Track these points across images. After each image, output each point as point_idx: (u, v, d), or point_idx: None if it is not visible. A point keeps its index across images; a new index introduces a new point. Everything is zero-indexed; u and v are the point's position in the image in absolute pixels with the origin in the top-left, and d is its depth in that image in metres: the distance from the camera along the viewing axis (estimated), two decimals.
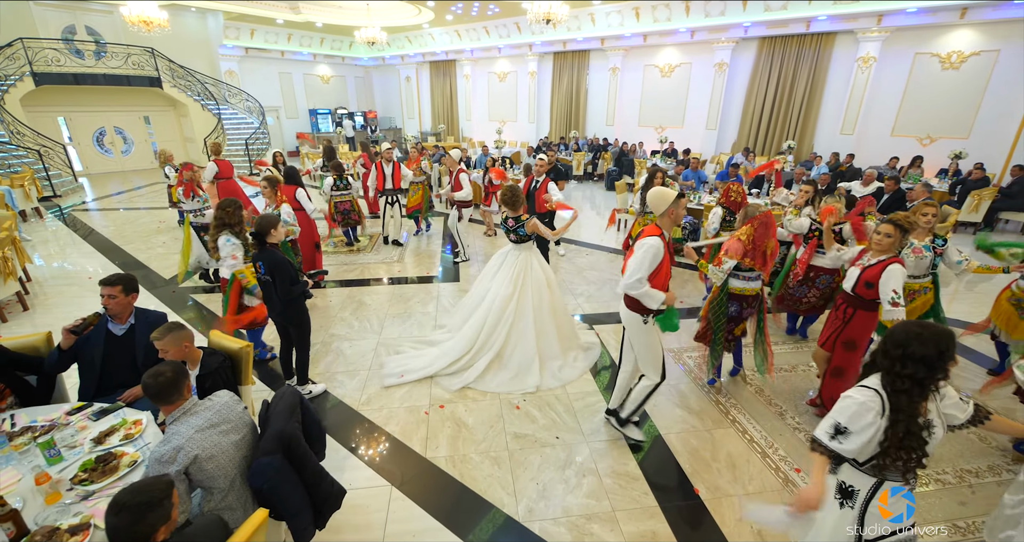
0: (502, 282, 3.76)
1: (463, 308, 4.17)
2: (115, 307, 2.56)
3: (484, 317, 3.76)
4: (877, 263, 2.81)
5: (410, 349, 4.11)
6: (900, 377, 1.54)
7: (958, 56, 9.53)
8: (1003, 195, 8.03)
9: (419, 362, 3.83)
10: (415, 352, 4.03)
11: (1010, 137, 9.20)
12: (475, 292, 4.07)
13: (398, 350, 4.13)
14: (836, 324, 3.04)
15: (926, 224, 3.35)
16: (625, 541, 2.36)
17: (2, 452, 1.95)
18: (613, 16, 12.41)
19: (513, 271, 3.76)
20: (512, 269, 3.77)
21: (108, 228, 8.35)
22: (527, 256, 3.83)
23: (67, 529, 1.59)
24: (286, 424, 1.86)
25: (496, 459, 2.89)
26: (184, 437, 1.70)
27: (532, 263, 3.82)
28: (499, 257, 3.96)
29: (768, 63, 11.45)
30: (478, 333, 3.74)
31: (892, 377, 1.56)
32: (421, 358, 3.89)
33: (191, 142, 16.43)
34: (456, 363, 3.74)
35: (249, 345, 2.57)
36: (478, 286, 4.06)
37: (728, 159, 11.24)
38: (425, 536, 2.38)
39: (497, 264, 3.93)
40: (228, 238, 3.48)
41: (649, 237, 2.57)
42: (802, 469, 2.83)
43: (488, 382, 3.62)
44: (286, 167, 6.32)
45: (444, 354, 3.81)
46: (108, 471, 1.85)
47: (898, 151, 10.12)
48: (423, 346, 4.12)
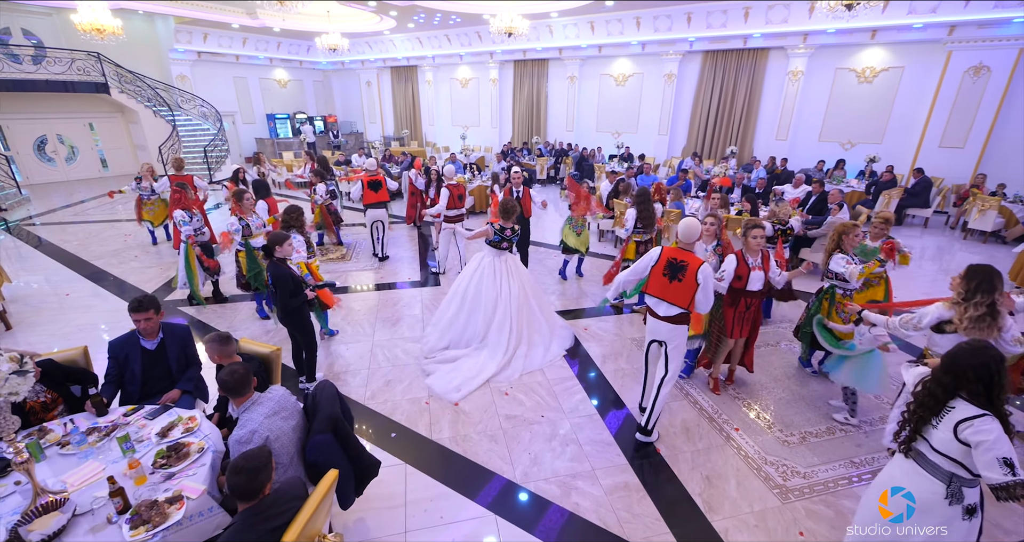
0: (511, 284, 4.35)
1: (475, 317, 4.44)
2: (149, 327, 2.83)
3: (508, 320, 4.32)
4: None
5: (438, 366, 4.25)
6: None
7: (871, 71, 10.83)
8: (908, 194, 9.29)
9: (468, 372, 4.08)
10: (449, 365, 4.21)
11: (914, 143, 10.58)
12: (482, 300, 4.38)
13: (427, 371, 4.21)
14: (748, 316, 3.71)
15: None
16: (603, 492, 2.92)
17: (81, 449, 2.26)
18: (570, 28, 13.10)
19: (511, 274, 4.39)
20: (512, 272, 4.40)
21: (70, 243, 8.17)
22: (512, 259, 4.48)
23: (165, 501, 1.96)
24: (332, 409, 2.29)
25: (493, 436, 3.40)
26: (256, 423, 2.10)
27: (516, 263, 4.52)
28: (489, 267, 4.40)
29: (712, 74, 12.49)
30: (508, 334, 4.30)
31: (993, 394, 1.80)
32: (466, 369, 4.12)
33: (142, 149, 15.85)
34: (504, 362, 4.21)
35: (278, 349, 2.94)
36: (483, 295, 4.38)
37: (679, 163, 12.19)
38: (441, 501, 2.85)
39: (492, 273, 4.37)
40: (295, 235, 4.32)
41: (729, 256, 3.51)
42: (740, 428, 3.50)
43: (531, 364, 4.29)
44: (255, 180, 6.51)
45: (491, 359, 4.20)
46: (182, 457, 2.21)
47: (824, 155, 11.36)
48: (448, 361, 4.30)
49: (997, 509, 2.64)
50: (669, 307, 3.09)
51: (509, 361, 4.22)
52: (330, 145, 19.93)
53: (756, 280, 3.56)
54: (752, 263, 3.55)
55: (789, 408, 3.77)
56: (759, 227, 3.54)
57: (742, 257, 3.55)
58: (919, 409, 1.97)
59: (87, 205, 11.25)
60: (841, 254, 3.74)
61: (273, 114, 19.25)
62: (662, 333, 3.17)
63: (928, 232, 9.31)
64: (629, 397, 3.89)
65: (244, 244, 4.90)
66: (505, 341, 4.28)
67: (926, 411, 1.94)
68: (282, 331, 4.55)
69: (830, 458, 3.23)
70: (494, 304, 4.35)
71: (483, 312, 4.35)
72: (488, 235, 4.35)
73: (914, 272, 7.09)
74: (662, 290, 3.09)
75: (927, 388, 1.96)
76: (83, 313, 5.46)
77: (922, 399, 1.96)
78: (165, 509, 1.93)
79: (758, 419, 3.64)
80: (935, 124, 10.22)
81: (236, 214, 4.94)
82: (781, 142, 12.03)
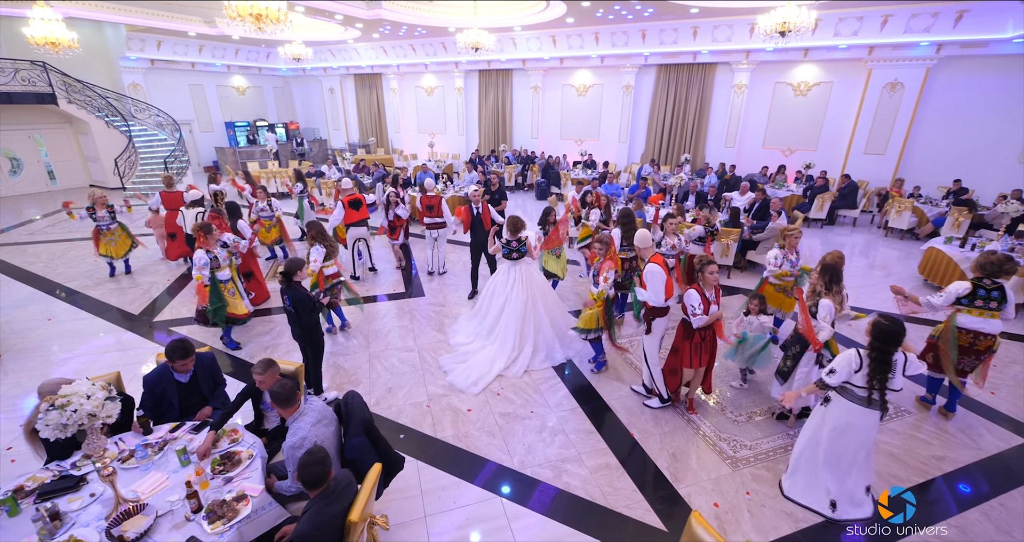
0: (519, 291, 4.95)
1: (489, 316, 5.15)
2: (188, 367, 3.11)
3: (518, 321, 4.87)
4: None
5: (455, 365, 4.78)
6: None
7: (805, 85, 11.99)
8: (839, 196, 10.42)
9: (480, 369, 4.67)
10: (464, 365, 4.76)
11: (844, 149, 11.81)
12: (495, 302, 5.09)
13: (445, 370, 4.75)
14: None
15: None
16: (589, 472, 3.46)
17: (142, 462, 2.58)
18: (533, 41, 13.68)
19: (524, 281, 5.01)
20: (523, 280, 4.96)
21: (35, 265, 7.98)
22: (527, 267, 5.08)
23: (232, 499, 2.33)
24: (364, 414, 2.71)
25: (490, 432, 3.88)
26: (305, 430, 2.50)
27: (532, 271, 5.11)
28: (504, 274, 5.12)
29: (666, 86, 13.39)
30: (517, 333, 4.85)
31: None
32: (478, 366, 4.69)
33: (93, 161, 15.26)
34: (511, 360, 4.79)
35: (301, 365, 3.31)
36: (496, 297, 5.10)
37: (638, 170, 13.02)
38: (452, 489, 3.31)
39: (505, 279, 5.04)
40: (317, 247, 4.93)
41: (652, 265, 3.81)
42: (699, 412, 4.13)
43: (533, 364, 4.80)
44: (227, 203, 6.49)
45: (499, 355, 4.80)
46: (235, 463, 2.58)
47: (768, 161, 12.46)
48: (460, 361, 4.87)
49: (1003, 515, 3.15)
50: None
51: (515, 359, 4.81)
52: (294, 153, 19.64)
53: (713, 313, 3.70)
54: (710, 297, 3.65)
55: (737, 393, 4.44)
56: (713, 263, 3.62)
57: (701, 292, 3.62)
58: (879, 373, 2.77)
59: (40, 223, 10.82)
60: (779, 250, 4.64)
61: (232, 122, 18.84)
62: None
63: (856, 230, 10.48)
64: (605, 390, 4.46)
65: (211, 278, 4.82)
66: (511, 341, 4.85)
67: (884, 371, 2.77)
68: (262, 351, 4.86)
69: (770, 432, 3.90)
70: (501, 307, 5.00)
71: (493, 312, 5.07)
72: (499, 250, 5.10)
73: (847, 268, 8.07)
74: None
75: (877, 358, 2.77)
76: (71, 338, 5.50)
77: (878, 366, 2.77)
78: (235, 506, 2.30)
79: (713, 404, 4.29)
80: (860, 133, 11.47)
81: (202, 247, 4.77)
82: (730, 149, 13.07)
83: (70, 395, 2.10)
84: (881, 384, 2.77)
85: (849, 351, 2.90)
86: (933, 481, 3.44)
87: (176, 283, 7.15)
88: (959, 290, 3.79)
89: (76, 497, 2.38)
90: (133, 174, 14.08)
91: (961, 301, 3.80)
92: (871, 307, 6.00)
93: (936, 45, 9.91)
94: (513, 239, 5.02)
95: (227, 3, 6.14)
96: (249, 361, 4.98)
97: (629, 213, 5.61)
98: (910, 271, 7.62)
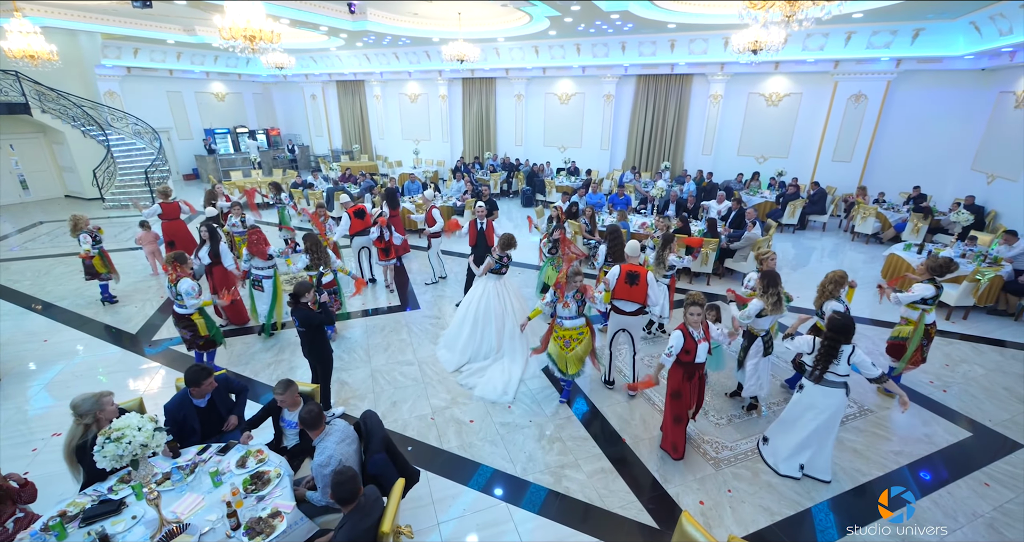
0: (510, 302, 5.36)
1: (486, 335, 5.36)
2: (204, 392, 3.28)
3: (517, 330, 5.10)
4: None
5: (476, 380, 5.01)
6: None
7: (776, 96, 12.58)
8: (809, 202, 11.01)
9: (502, 377, 4.96)
10: (483, 377, 5.01)
11: (813, 157, 12.44)
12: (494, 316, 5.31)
13: (468, 386, 4.95)
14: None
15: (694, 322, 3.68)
16: (586, 476, 3.77)
17: (177, 484, 2.76)
18: (516, 51, 13.97)
19: (510, 293, 5.42)
20: (508, 293, 5.41)
21: (22, 283, 7.90)
22: (508, 281, 5.50)
23: (267, 516, 2.55)
24: (383, 432, 2.95)
25: (493, 441, 4.15)
26: (331, 449, 2.72)
27: (512, 284, 5.59)
28: (493, 289, 5.34)
29: (645, 96, 13.84)
30: (520, 341, 5.22)
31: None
32: (498, 375, 4.98)
33: (69, 172, 14.96)
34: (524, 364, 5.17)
35: (317, 386, 3.52)
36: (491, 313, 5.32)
37: (620, 177, 13.44)
38: (460, 497, 3.57)
39: (495, 293, 5.34)
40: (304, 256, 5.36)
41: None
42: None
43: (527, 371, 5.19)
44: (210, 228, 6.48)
45: (513, 362, 5.15)
46: (265, 482, 2.79)
47: (743, 168, 13.03)
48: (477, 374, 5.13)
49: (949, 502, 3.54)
50: (631, 305, 4.53)
51: (527, 361, 5.18)
52: (277, 159, 19.47)
53: (702, 352, 3.69)
54: (697, 336, 3.65)
55: (718, 398, 4.81)
56: (696, 304, 3.62)
57: (687, 332, 3.64)
58: (825, 358, 3.40)
59: (17, 238, 10.61)
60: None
61: (212, 129, 18.58)
62: (628, 323, 4.68)
63: (826, 234, 11.08)
64: (597, 398, 4.78)
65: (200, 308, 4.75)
66: (520, 347, 5.21)
67: (831, 357, 3.38)
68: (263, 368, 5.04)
69: (748, 433, 4.27)
70: (502, 319, 5.27)
71: (495, 327, 5.29)
72: (491, 265, 5.26)
73: (816, 268, 8.63)
74: (627, 293, 4.50)
75: (827, 345, 3.38)
76: (71, 360, 5.53)
77: (825, 352, 3.40)
78: (271, 522, 2.52)
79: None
80: (828, 141, 12.11)
81: (184, 277, 4.58)
82: (706, 156, 13.60)
83: (123, 428, 2.29)
84: (824, 367, 3.43)
85: (809, 336, 3.64)
86: (892, 473, 3.85)
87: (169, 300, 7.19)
88: (925, 293, 4.38)
89: (119, 520, 2.56)
90: (112, 185, 13.87)
91: (927, 301, 4.43)
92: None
93: (896, 60, 10.57)
94: (504, 254, 5.30)
95: (220, 26, 6.24)
96: (253, 378, 5.14)
97: (616, 229, 5.89)
98: (874, 274, 8.17)
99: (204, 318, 4.81)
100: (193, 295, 4.62)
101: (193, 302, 4.62)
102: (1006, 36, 8.02)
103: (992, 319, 6.67)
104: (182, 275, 4.59)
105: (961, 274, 6.57)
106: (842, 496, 3.62)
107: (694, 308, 3.62)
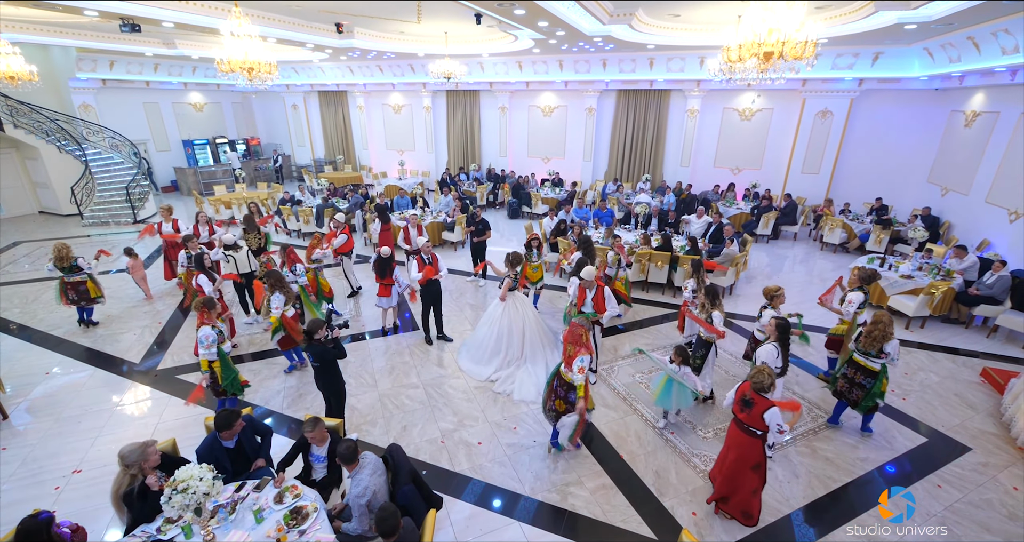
0: (526, 313, 5.99)
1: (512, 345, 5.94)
2: (232, 435, 3.49)
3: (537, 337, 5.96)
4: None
5: (511, 387, 5.59)
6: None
7: (749, 111, 13.23)
8: (781, 214, 11.65)
9: (531, 380, 5.60)
10: (516, 384, 5.61)
11: (784, 169, 13.13)
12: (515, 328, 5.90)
13: (506, 392, 5.54)
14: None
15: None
16: (589, 493, 4.12)
17: (222, 522, 2.99)
18: (500, 66, 14.27)
19: (525, 305, 6.04)
20: (524, 305, 6.02)
21: (11, 311, 7.81)
22: (519, 295, 6.12)
23: None
24: (409, 465, 3.24)
25: (501, 462, 4.46)
26: (367, 481, 3.00)
27: (523, 297, 6.19)
28: (511, 303, 5.96)
29: (626, 110, 14.34)
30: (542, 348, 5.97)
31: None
32: (529, 380, 5.60)
33: (43, 188, 14.60)
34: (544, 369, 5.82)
35: (341, 421, 3.77)
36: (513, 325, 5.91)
37: (602, 188, 13.90)
38: (476, 518, 3.87)
39: (513, 306, 5.95)
40: (276, 294, 5.40)
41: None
42: (675, 432, 4.88)
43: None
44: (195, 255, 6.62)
45: (536, 366, 5.82)
46: (304, 516, 3.04)
47: (719, 179, 13.64)
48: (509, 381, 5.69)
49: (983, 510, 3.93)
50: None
51: (547, 363, 5.84)
52: (259, 170, 19.28)
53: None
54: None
55: (704, 413, 5.23)
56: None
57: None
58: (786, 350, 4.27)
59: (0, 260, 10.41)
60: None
61: (191, 140, 18.27)
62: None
63: (797, 244, 11.75)
64: (594, 416, 5.14)
65: (218, 352, 4.56)
66: (539, 350, 5.91)
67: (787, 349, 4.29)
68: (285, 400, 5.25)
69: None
70: (522, 329, 5.90)
71: (517, 337, 5.89)
72: (510, 285, 5.89)
73: (788, 276, 9.22)
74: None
75: (782, 342, 4.23)
76: (76, 393, 5.58)
77: (784, 346, 4.26)
78: None
79: (685, 423, 5.06)
80: (797, 154, 12.81)
81: (206, 323, 4.50)
82: (685, 168, 14.18)
83: (187, 479, 2.51)
84: (787, 362, 4.30)
85: (767, 346, 4.25)
86: (857, 479, 4.32)
87: (168, 326, 7.26)
88: (860, 300, 5.23)
89: None
90: (91, 202, 13.60)
91: (861, 305, 5.25)
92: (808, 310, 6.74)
93: (858, 80, 11.29)
94: (513, 272, 5.94)
95: (219, 59, 6.37)
96: (265, 406, 5.33)
97: (587, 240, 6.83)
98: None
99: (223, 367, 4.59)
100: (205, 344, 4.41)
101: (204, 352, 4.45)
102: (955, 63, 8.74)
103: (946, 327, 7.32)
104: (206, 322, 4.51)
105: (918, 286, 7.20)
106: (818, 501, 4.06)
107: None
